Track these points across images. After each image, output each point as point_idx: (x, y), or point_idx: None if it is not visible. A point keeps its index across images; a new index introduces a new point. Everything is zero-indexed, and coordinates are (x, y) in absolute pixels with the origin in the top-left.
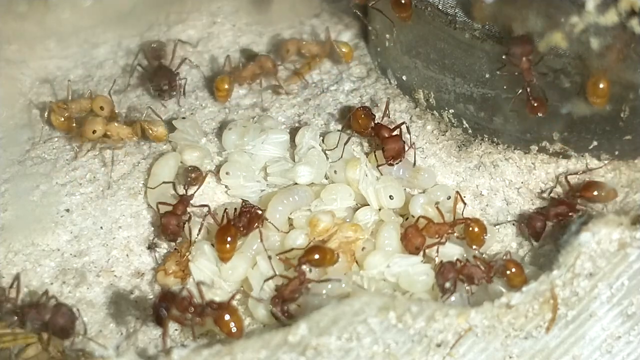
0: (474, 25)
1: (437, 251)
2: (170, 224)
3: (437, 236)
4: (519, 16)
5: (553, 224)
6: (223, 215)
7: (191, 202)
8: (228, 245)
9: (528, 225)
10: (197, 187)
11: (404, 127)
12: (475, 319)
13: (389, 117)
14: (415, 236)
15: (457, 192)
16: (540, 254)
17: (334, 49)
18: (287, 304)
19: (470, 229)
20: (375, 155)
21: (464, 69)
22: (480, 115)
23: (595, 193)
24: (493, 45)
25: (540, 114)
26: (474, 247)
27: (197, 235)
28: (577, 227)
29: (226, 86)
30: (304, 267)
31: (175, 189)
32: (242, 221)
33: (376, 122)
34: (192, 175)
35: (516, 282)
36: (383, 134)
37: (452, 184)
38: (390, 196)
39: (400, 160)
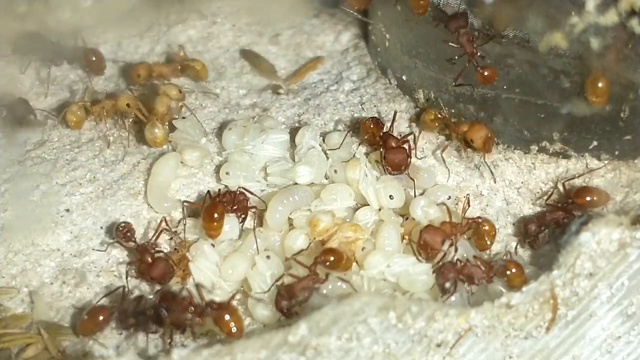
0: (474, 25)
1: (455, 251)
2: (159, 270)
3: (452, 236)
4: (519, 16)
5: (550, 229)
6: (205, 198)
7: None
8: (215, 223)
9: (523, 231)
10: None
11: (410, 137)
12: (475, 319)
13: (394, 127)
14: (436, 233)
15: (467, 196)
16: (540, 254)
17: (187, 67)
18: (294, 302)
19: (482, 228)
20: (382, 158)
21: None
22: (480, 115)
23: (588, 199)
24: (493, 45)
25: (493, 81)
26: (488, 243)
27: (184, 222)
28: (577, 227)
29: (78, 114)
30: (318, 266)
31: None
32: (226, 198)
33: (384, 131)
34: (127, 234)
35: (516, 282)
36: (389, 144)
37: (452, 184)
38: (390, 196)
39: (401, 172)
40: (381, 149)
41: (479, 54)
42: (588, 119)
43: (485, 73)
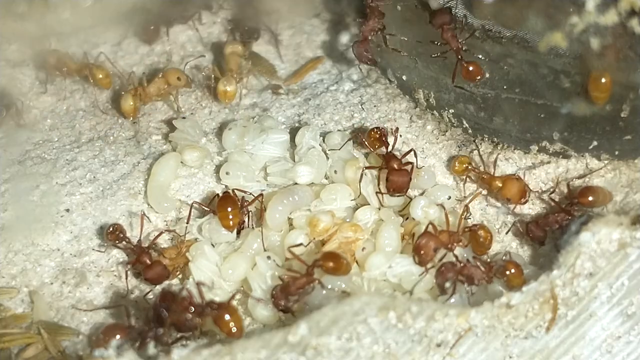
0: (474, 25)
1: (455, 256)
2: (154, 273)
3: (449, 244)
4: (519, 16)
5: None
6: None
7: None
8: (231, 213)
9: (530, 234)
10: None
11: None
12: (475, 319)
13: (400, 136)
14: (431, 241)
15: (466, 206)
16: (540, 254)
17: (90, 71)
18: (290, 300)
19: (478, 234)
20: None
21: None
22: (480, 115)
23: (591, 198)
24: (493, 45)
25: (479, 77)
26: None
27: (188, 222)
28: (577, 227)
29: (131, 103)
30: (315, 269)
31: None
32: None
33: (388, 152)
34: (119, 235)
35: (515, 282)
36: (391, 165)
37: (452, 184)
38: None
39: (403, 194)
40: (384, 168)
41: (464, 48)
42: (588, 119)
43: (470, 68)
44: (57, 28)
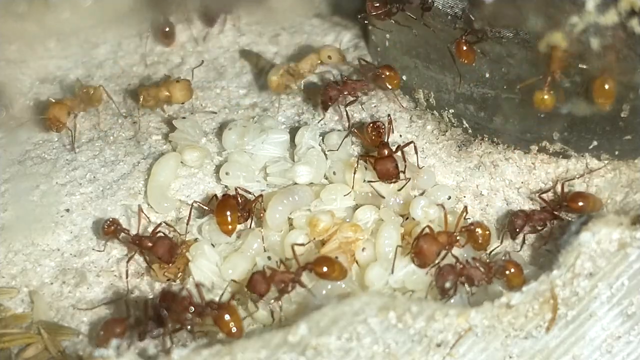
0: (474, 25)
1: (455, 257)
2: (165, 248)
3: (448, 245)
4: (519, 16)
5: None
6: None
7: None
8: (229, 218)
9: (509, 222)
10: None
11: (411, 146)
12: (475, 319)
13: (394, 132)
14: (433, 243)
15: (465, 207)
16: (540, 254)
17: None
18: (268, 290)
19: (475, 233)
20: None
21: (464, 68)
22: (480, 115)
23: (581, 204)
24: (493, 45)
25: (465, 61)
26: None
27: (188, 223)
28: (577, 227)
29: (275, 78)
30: (305, 272)
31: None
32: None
33: (381, 141)
34: (117, 228)
35: (515, 282)
36: (380, 153)
37: (452, 183)
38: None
39: (395, 181)
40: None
41: (480, 36)
42: (588, 119)
43: (465, 49)
44: (57, 28)
